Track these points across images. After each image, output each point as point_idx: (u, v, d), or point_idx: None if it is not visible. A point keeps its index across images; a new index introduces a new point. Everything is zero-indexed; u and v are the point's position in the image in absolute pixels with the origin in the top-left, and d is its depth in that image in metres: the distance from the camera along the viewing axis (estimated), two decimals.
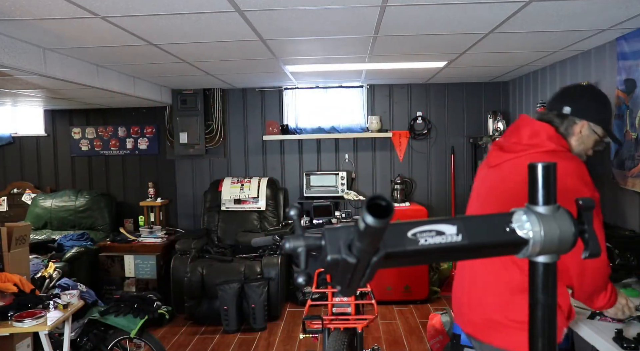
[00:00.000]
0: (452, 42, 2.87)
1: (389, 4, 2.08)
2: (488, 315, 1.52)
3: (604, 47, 2.91)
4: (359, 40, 2.78)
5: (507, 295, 1.48)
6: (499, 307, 1.50)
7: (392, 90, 4.86)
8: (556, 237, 0.59)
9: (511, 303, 1.47)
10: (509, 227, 0.60)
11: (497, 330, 1.50)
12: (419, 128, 4.82)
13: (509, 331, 1.47)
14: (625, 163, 2.63)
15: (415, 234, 0.57)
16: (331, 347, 2.21)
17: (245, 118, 4.93)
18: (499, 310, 1.49)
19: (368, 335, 3.66)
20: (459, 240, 0.58)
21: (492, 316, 1.51)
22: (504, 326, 1.48)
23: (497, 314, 1.49)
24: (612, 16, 2.32)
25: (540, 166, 0.61)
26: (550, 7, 2.17)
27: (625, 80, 2.62)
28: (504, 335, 1.48)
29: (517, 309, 1.45)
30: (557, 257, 0.63)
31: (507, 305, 1.48)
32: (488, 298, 1.54)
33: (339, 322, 2.36)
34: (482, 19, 2.36)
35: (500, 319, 1.49)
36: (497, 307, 1.50)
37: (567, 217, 0.61)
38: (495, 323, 1.50)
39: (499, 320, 1.49)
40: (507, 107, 4.76)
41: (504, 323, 1.48)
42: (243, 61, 3.36)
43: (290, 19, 2.30)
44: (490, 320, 1.51)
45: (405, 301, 4.33)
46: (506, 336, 1.47)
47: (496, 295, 1.51)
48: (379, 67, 3.71)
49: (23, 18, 2.15)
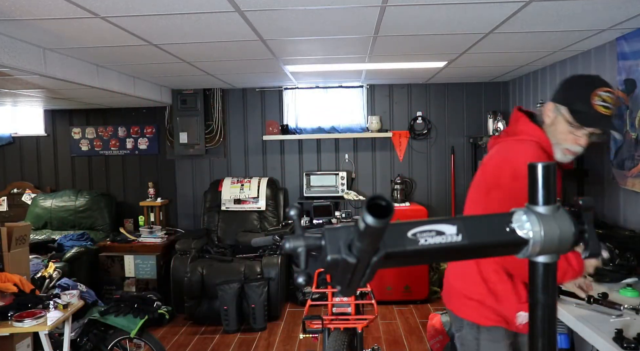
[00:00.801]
0: (452, 42, 2.87)
1: (389, 4, 2.08)
2: (452, 285, 1.75)
3: (604, 47, 2.91)
4: (359, 40, 2.78)
5: (474, 273, 1.65)
6: (461, 280, 1.70)
7: (392, 90, 4.86)
8: (556, 237, 0.59)
9: (473, 280, 1.64)
10: (509, 227, 0.60)
11: (457, 299, 1.71)
12: (419, 128, 4.82)
13: (465, 302, 1.67)
14: (625, 164, 2.63)
15: (415, 234, 0.57)
16: (331, 347, 2.21)
17: (245, 118, 4.93)
18: (461, 284, 1.70)
19: (368, 335, 3.66)
20: (459, 240, 0.59)
21: (455, 286, 1.73)
22: (462, 297, 1.68)
23: (459, 285, 1.71)
24: (612, 16, 2.32)
25: (539, 166, 0.61)
26: (550, 7, 2.17)
27: (625, 80, 2.62)
28: (461, 305, 1.68)
29: (475, 285, 1.64)
30: (557, 256, 0.63)
31: (468, 279, 1.67)
32: (457, 269, 1.75)
33: (339, 322, 2.36)
34: (482, 19, 2.36)
35: (460, 290, 1.70)
36: (460, 280, 1.71)
37: (567, 217, 0.61)
38: (455, 292, 1.72)
39: (460, 291, 1.69)
40: (507, 107, 4.76)
41: (463, 294, 1.68)
42: (243, 61, 3.36)
43: (290, 19, 2.30)
44: (453, 289, 1.74)
45: (405, 301, 4.33)
46: (462, 307, 1.68)
47: (463, 268, 1.70)
48: (379, 67, 3.71)
49: (23, 18, 2.15)
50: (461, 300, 1.69)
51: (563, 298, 1.96)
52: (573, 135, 1.54)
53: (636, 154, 2.54)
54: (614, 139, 2.73)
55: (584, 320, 1.74)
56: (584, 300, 1.87)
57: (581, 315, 1.78)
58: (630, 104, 2.58)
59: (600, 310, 1.83)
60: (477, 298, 1.65)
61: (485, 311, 1.63)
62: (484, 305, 1.63)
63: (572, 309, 1.85)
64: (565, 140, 1.56)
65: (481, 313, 1.64)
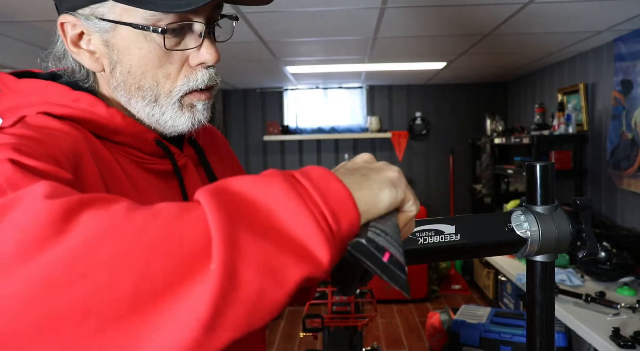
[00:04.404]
0: (451, 43, 2.88)
1: (388, 6, 2.10)
2: None
3: (602, 48, 2.93)
4: (358, 41, 2.79)
5: None
6: None
7: (391, 91, 4.88)
8: (554, 237, 0.60)
9: None
10: (507, 227, 0.61)
11: None
12: (418, 129, 4.84)
13: None
14: (621, 164, 2.65)
15: (414, 234, 0.59)
16: (331, 345, 2.22)
17: (246, 119, 4.94)
18: None
19: (368, 334, 3.67)
20: (458, 240, 0.60)
21: None
22: None
23: None
24: (609, 18, 2.33)
25: (538, 166, 0.62)
26: (549, 9, 2.18)
27: (622, 81, 2.64)
28: None
29: None
30: (555, 256, 0.64)
31: None
32: None
33: (339, 321, 2.37)
34: (480, 21, 2.38)
35: None
36: None
37: (565, 216, 0.62)
38: None
39: None
40: (505, 108, 4.78)
41: None
42: (244, 62, 3.37)
43: (291, 21, 2.32)
44: None
45: (404, 300, 4.35)
46: None
47: None
48: (379, 68, 3.72)
49: (25, 19, 2.16)
50: None
51: (561, 297, 1.98)
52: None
53: (632, 154, 2.56)
54: (610, 140, 2.75)
55: (581, 318, 1.76)
56: (581, 299, 1.89)
57: (578, 314, 1.80)
58: (627, 105, 2.60)
59: (598, 308, 1.85)
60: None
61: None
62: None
63: (570, 308, 1.87)
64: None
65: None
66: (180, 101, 0.62)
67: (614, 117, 2.73)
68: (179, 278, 0.33)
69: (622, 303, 1.84)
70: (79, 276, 0.32)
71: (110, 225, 0.34)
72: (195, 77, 0.62)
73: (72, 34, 0.60)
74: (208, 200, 0.36)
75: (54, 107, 0.57)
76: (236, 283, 0.33)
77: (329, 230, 0.38)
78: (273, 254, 0.35)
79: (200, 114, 0.64)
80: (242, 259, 0.34)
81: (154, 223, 0.34)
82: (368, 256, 0.40)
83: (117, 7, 0.57)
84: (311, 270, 0.36)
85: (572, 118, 3.08)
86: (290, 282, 0.35)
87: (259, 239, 0.35)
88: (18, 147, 0.45)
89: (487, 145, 4.17)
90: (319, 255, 0.37)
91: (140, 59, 0.59)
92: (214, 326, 0.32)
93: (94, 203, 0.36)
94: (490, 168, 4.12)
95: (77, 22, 0.59)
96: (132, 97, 0.61)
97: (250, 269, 0.34)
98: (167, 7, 0.54)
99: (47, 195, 0.36)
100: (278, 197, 0.37)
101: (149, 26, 0.56)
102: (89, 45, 0.61)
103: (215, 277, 0.32)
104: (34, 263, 0.32)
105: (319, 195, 0.38)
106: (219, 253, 0.33)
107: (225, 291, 0.33)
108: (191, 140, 0.72)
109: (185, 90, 0.61)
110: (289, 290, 0.35)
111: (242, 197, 0.37)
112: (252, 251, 0.34)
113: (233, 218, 0.35)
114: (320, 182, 0.39)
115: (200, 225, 0.34)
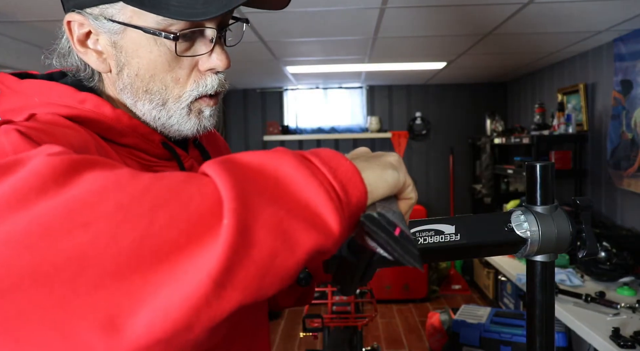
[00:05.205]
0: (451, 43, 2.88)
1: (388, 6, 2.10)
2: None
3: (601, 48, 2.93)
4: (358, 41, 2.79)
5: None
6: None
7: (391, 91, 4.88)
8: (554, 237, 0.60)
9: None
10: (507, 227, 0.61)
11: None
12: (418, 129, 4.84)
13: None
14: (621, 164, 2.65)
15: (415, 233, 0.59)
16: (331, 345, 2.22)
17: (246, 119, 4.94)
18: None
19: (368, 334, 3.68)
20: (458, 240, 0.60)
21: None
22: None
23: None
24: (609, 18, 2.34)
25: (538, 166, 0.62)
26: (549, 9, 2.18)
27: (622, 81, 2.64)
28: None
29: None
30: (555, 256, 0.64)
31: None
32: None
33: (339, 321, 2.37)
34: (480, 21, 2.38)
35: None
36: None
37: (565, 216, 0.62)
38: None
39: None
40: (505, 108, 4.78)
41: None
42: (244, 62, 3.37)
43: (291, 21, 2.32)
44: None
45: (404, 300, 4.35)
46: None
47: None
48: (379, 68, 3.73)
49: (25, 19, 2.16)
50: None
51: (561, 297, 1.98)
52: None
53: (632, 154, 2.56)
54: (610, 140, 2.75)
55: (581, 318, 1.76)
56: (581, 299, 1.89)
57: (578, 314, 1.80)
58: (627, 105, 2.60)
59: (598, 308, 1.85)
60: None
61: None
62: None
63: (570, 308, 1.87)
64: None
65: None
66: (189, 106, 0.61)
67: (613, 117, 2.73)
68: (186, 235, 0.32)
69: (622, 303, 1.84)
70: (79, 225, 0.31)
71: (115, 182, 0.33)
72: (204, 82, 0.61)
73: (79, 33, 0.59)
74: (216, 168, 0.35)
75: (59, 108, 0.55)
76: (249, 241, 0.33)
77: (339, 201, 0.38)
78: (285, 218, 0.35)
79: (206, 121, 0.64)
80: (255, 219, 0.33)
81: (160, 183, 0.34)
82: (381, 228, 0.40)
83: (128, 9, 0.55)
84: (322, 239, 0.36)
85: (572, 118, 3.08)
86: (301, 248, 0.35)
87: (270, 203, 0.35)
88: (27, 132, 0.44)
89: (487, 145, 4.17)
90: (330, 224, 0.37)
91: (149, 63, 0.57)
92: (224, 283, 0.31)
93: (99, 164, 0.35)
94: (490, 168, 4.12)
95: (84, 21, 0.57)
96: (139, 99, 0.59)
97: (263, 229, 0.33)
98: (182, 15, 0.53)
99: (52, 153, 0.35)
100: (287, 168, 0.38)
101: (161, 31, 0.55)
102: (97, 45, 0.59)
103: (228, 231, 0.32)
104: (31, 211, 0.31)
105: (327, 170, 0.39)
106: (231, 210, 0.32)
107: (238, 246, 0.32)
108: (196, 142, 0.72)
109: (195, 95, 0.60)
110: (300, 258, 0.35)
111: (250, 166, 0.37)
112: (265, 213, 0.34)
113: (243, 183, 0.35)
114: (329, 159, 0.40)
115: (209, 187, 0.34)
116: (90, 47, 0.59)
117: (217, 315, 0.32)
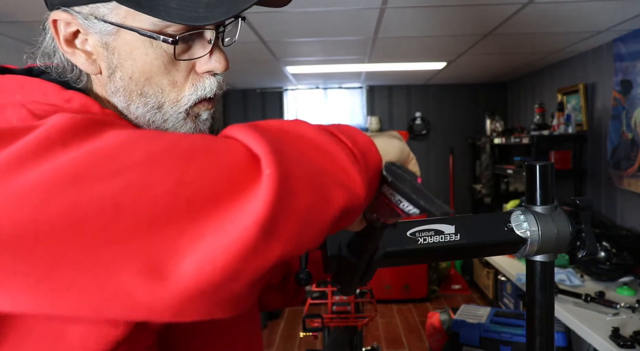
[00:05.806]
0: (451, 43, 2.88)
1: (388, 6, 2.10)
2: None
3: (601, 48, 2.93)
4: (358, 41, 2.79)
5: None
6: None
7: (391, 91, 4.88)
8: (553, 237, 0.60)
9: None
10: (507, 227, 0.61)
11: None
12: (418, 129, 4.84)
13: None
14: (622, 164, 2.65)
15: (414, 233, 0.59)
16: (331, 345, 2.22)
17: (246, 119, 4.94)
18: None
19: (368, 334, 3.68)
20: (457, 239, 0.60)
21: None
22: None
23: None
24: (609, 18, 2.34)
25: (538, 166, 0.62)
26: (549, 9, 2.18)
27: (622, 81, 2.64)
28: None
29: None
30: (554, 256, 0.64)
31: None
32: None
33: (339, 321, 2.37)
34: (480, 21, 2.38)
35: None
36: None
37: (565, 216, 0.62)
38: None
39: None
40: (505, 108, 4.78)
41: None
42: (244, 62, 3.37)
43: (291, 21, 2.32)
44: None
45: (404, 300, 4.35)
46: None
47: None
48: (379, 68, 3.73)
49: (25, 19, 2.16)
50: None
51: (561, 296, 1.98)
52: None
53: (632, 154, 2.56)
54: (610, 140, 2.75)
55: (581, 318, 1.76)
56: (581, 299, 1.89)
57: (578, 314, 1.80)
58: (627, 105, 2.60)
59: (597, 308, 1.85)
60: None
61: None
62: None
63: (570, 307, 1.87)
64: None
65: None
66: (187, 111, 0.58)
67: (613, 117, 2.74)
68: (223, 184, 0.32)
69: (622, 303, 1.84)
70: (109, 173, 0.30)
71: (140, 135, 0.33)
72: (203, 85, 0.57)
73: (65, 33, 0.54)
74: (243, 129, 0.36)
75: (44, 106, 0.50)
76: (290, 191, 0.33)
77: (359, 164, 0.39)
78: (317, 173, 0.36)
79: (202, 124, 0.61)
80: (292, 171, 0.34)
81: (187, 140, 0.34)
82: (403, 179, 0.41)
83: (121, 10, 0.51)
84: (350, 197, 0.37)
85: (571, 118, 3.08)
86: (335, 203, 0.36)
87: (301, 160, 0.36)
88: (34, 111, 0.44)
89: (487, 145, 4.17)
90: (356, 183, 0.38)
91: (144, 66, 0.54)
92: (270, 231, 0.31)
93: (119, 125, 0.35)
94: (490, 168, 4.12)
95: (71, 19, 0.54)
96: (132, 102, 0.56)
97: (301, 181, 0.34)
98: (183, 18, 0.50)
99: (70, 116, 0.34)
100: (310, 132, 0.39)
101: (158, 34, 0.52)
102: (85, 46, 0.55)
103: (271, 179, 0.32)
104: (58, 159, 0.30)
105: (346, 138, 0.41)
106: (271, 161, 0.32)
107: (283, 194, 0.32)
108: None
109: (194, 99, 0.57)
110: (334, 212, 0.35)
111: (275, 129, 0.38)
112: (299, 167, 0.34)
113: (273, 141, 0.35)
114: (346, 129, 0.43)
115: (237, 144, 0.35)
116: (78, 47, 0.55)
117: (262, 266, 0.31)
